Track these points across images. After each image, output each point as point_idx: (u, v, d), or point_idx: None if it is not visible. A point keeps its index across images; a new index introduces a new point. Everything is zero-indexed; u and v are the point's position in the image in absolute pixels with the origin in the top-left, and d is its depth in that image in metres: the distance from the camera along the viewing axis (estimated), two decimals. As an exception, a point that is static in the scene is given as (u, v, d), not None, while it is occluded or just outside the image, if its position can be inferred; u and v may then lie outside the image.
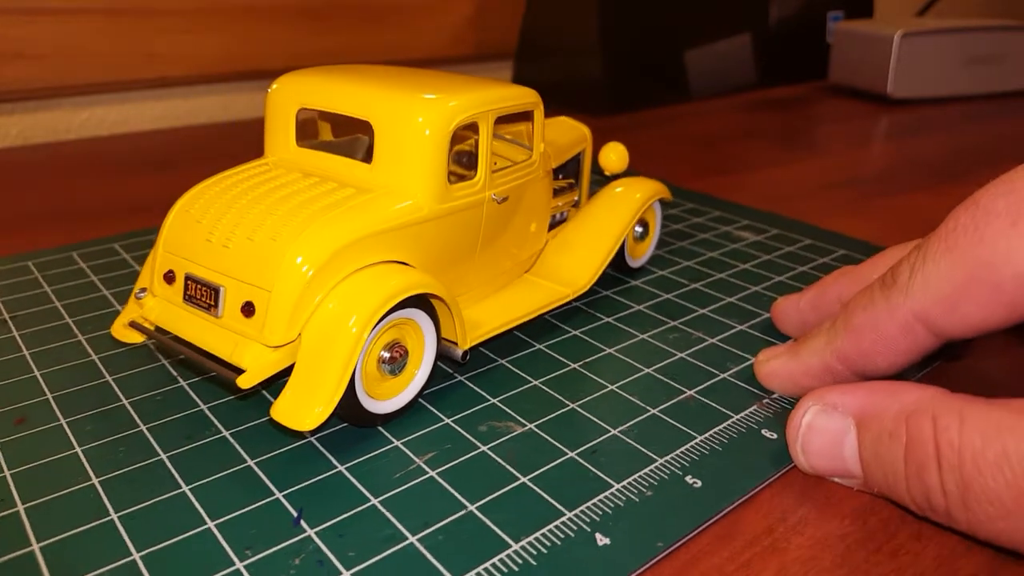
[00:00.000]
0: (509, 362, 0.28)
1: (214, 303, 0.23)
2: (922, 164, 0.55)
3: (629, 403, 0.26)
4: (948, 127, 0.67)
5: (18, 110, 0.61)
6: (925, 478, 0.19)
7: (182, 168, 0.54)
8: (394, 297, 0.22)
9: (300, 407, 0.21)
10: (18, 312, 0.31)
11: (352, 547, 0.19)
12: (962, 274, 0.20)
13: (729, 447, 0.23)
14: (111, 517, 0.20)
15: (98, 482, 0.22)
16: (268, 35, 0.68)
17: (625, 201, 0.33)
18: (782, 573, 0.19)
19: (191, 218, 0.24)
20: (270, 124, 0.27)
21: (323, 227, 0.22)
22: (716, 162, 0.56)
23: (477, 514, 0.21)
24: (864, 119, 0.70)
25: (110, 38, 0.61)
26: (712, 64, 0.77)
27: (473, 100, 0.25)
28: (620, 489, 0.22)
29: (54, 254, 0.37)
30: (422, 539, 0.20)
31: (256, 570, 0.19)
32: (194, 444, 0.23)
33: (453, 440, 0.24)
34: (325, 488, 0.22)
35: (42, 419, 0.25)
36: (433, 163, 0.24)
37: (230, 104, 0.70)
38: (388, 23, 0.73)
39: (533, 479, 0.22)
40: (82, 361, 0.28)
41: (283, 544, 0.20)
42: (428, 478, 0.22)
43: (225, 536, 0.20)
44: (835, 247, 0.39)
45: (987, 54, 0.76)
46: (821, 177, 0.53)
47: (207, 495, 0.21)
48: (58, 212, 0.45)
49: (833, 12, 0.86)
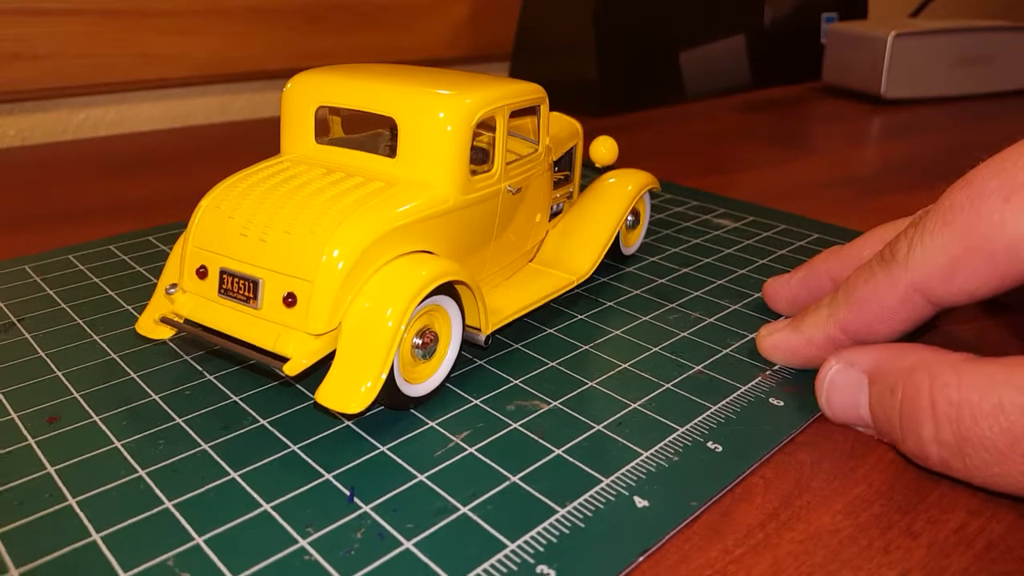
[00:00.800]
0: (524, 346, 0.29)
1: (253, 295, 0.23)
2: (915, 164, 0.56)
3: (643, 379, 0.27)
4: (941, 127, 0.68)
5: (16, 111, 0.61)
6: (917, 430, 0.21)
7: (180, 169, 0.55)
8: (430, 284, 0.23)
9: (346, 391, 0.22)
10: (25, 315, 0.31)
11: (408, 520, 0.20)
12: (959, 247, 0.22)
13: (742, 415, 0.25)
14: (166, 505, 0.21)
15: (145, 473, 0.22)
16: (265, 36, 0.68)
17: (619, 191, 0.35)
18: (774, 568, 0.19)
19: (222, 214, 0.24)
20: (288, 122, 0.28)
21: (360, 219, 0.23)
22: (710, 162, 0.57)
23: (521, 484, 0.22)
24: (858, 119, 0.71)
25: (108, 39, 0.61)
26: (707, 65, 0.78)
27: (490, 96, 0.26)
28: (649, 456, 0.23)
29: (51, 257, 0.37)
30: (473, 509, 0.21)
31: (320, 545, 0.20)
32: (233, 433, 0.24)
33: (484, 419, 0.25)
34: (371, 468, 0.22)
35: (74, 417, 0.25)
36: (457, 156, 0.25)
37: (228, 104, 0.70)
38: (384, 24, 0.73)
39: (567, 451, 0.23)
40: (102, 360, 0.28)
41: (342, 520, 0.20)
42: (468, 454, 0.23)
43: (284, 516, 0.21)
44: (808, 231, 0.42)
45: (980, 55, 0.77)
46: (815, 177, 0.53)
47: (258, 480, 0.22)
48: (57, 212, 0.45)
49: (827, 13, 0.87)
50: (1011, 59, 0.79)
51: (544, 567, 0.19)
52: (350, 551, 0.19)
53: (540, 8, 0.75)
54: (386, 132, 0.31)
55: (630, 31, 0.72)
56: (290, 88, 0.28)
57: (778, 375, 0.28)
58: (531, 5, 0.75)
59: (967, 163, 0.25)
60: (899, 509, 0.21)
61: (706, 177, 0.53)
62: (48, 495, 0.21)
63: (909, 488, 0.22)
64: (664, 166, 0.55)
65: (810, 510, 0.21)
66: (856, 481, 0.22)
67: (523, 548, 0.20)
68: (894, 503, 0.22)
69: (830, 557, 0.20)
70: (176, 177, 0.52)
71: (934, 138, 0.64)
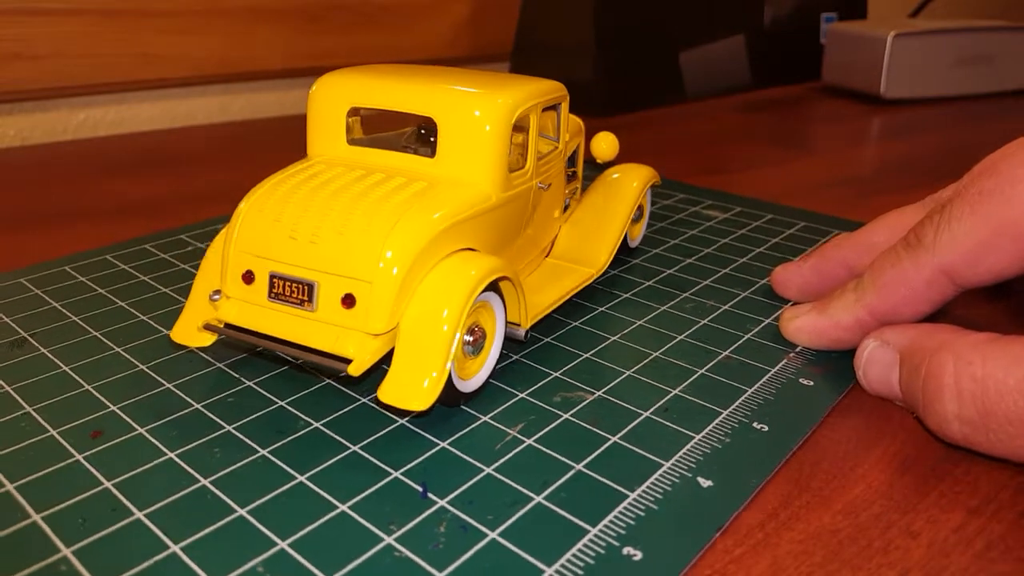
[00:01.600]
0: (554, 340, 0.30)
1: (308, 298, 0.23)
2: (915, 164, 0.57)
3: (677, 367, 0.28)
4: (940, 127, 0.68)
5: (15, 111, 0.61)
6: (939, 407, 0.22)
7: (180, 169, 0.54)
8: (485, 280, 0.24)
9: (411, 389, 0.23)
10: (35, 330, 0.30)
11: (486, 511, 0.21)
12: (988, 230, 0.23)
13: (779, 395, 0.26)
14: (239, 513, 0.21)
15: (208, 482, 0.22)
16: (265, 36, 0.68)
17: (626, 186, 0.36)
18: (774, 568, 0.19)
19: (267, 218, 0.24)
20: (317, 123, 0.28)
21: (413, 218, 0.23)
22: (711, 162, 0.57)
23: (587, 472, 0.22)
24: (857, 119, 0.71)
25: (107, 39, 0.60)
26: (706, 65, 0.78)
27: (525, 94, 0.27)
28: (702, 439, 0.24)
29: (47, 269, 0.36)
30: (547, 498, 0.21)
31: (406, 541, 0.20)
32: (289, 437, 0.24)
33: (534, 412, 0.25)
34: (436, 463, 0.23)
35: (118, 430, 0.24)
36: (499, 154, 0.26)
37: (227, 105, 0.70)
38: (384, 24, 0.73)
39: (622, 438, 0.24)
40: (132, 372, 0.27)
41: (421, 516, 0.21)
42: (527, 446, 0.24)
43: (363, 515, 0.21)
44: (795, 220, 0.44)
45: (979, 55, 0.77)
46: (815, 176, 0.54)
47: (326, 481, 0.22)
48: (57, 212, 0.45)
49: (826, 13, 0.88)
50: (1011, 59, 0.79)
51: (629, 548, 0.20)
52: (437, 545, 0.20)
53: (540, 8, 0.75)
54: (408, 131, 0.31)
55: (630, 31, 0.72)
56: (318, 89, 0.28)
57: (802, 356, 0.29)
58: (531, 5, 0.75)
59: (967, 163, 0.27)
60: (898, 509, 0.22)
61: (706, 177, 0.53)
62: (112, 510, 0.21)
63: (908, 488, 0.22)
64: (664, 166, 0.54)
65: (810, 510, 0.21)
66: (855, 481, 0.23)
67: (605, 532, 0.20)
68: (893, 503, 0.22)
69: (830, 557, 0.20)
70: (176, 177, 0.52)
71: (934, 138, 0.64)
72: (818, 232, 0.42)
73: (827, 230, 0.42)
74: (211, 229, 0.41)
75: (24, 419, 0.25)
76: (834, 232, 0.41)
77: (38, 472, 0.22)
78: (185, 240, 0.40)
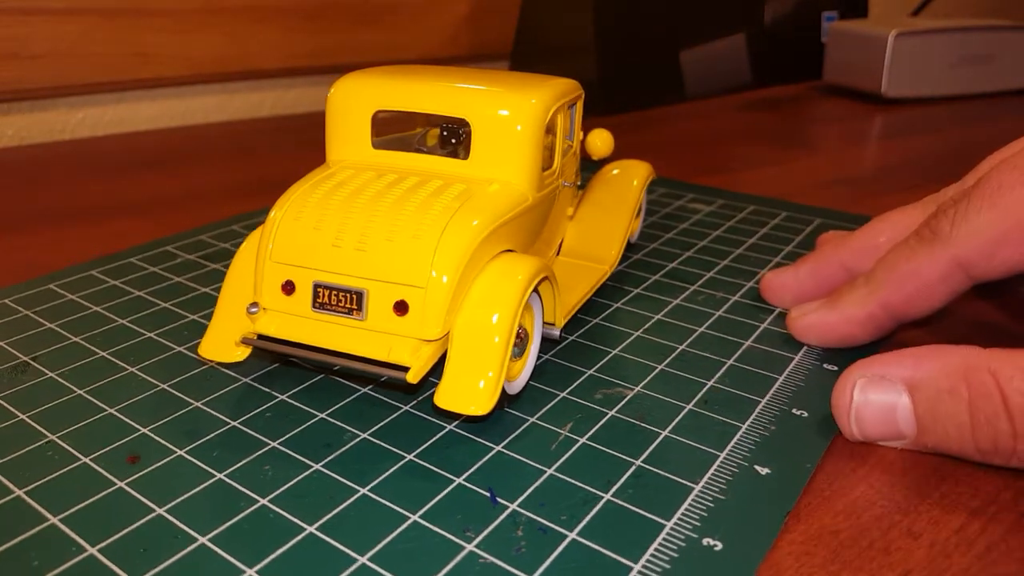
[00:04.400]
0: (579, 338, 0.30)
1: (357, 307, 0.23)
2: (916, 163, 0.56)
3: (705, 358, 0.29)
4: (942, 127, 0.68)
5: (14, 110, 0.61)
6: (996, 424, 0.21)
7: (179, 168, 0.54)
8: (534, 280, 0.24)
9: (469, 393, 0.22)
10: (36, 353, 0.29)
11: (559, 512, 0.21)
12: (1006, 224, 0.24)
13: (808, 381, 0.27)
14: (309, 530, 0.20)
15: (267, 502, 0.21)
16: (263, 35, 0.68)
17: (627, 182, 0.36)
18: (774, 568, 0.19)
19: (305, 226, 0.24)
20: (340, 127, 0.27)
21: (461, 222, 0.23)
22: (711, 161, 0.57)
23: (647, 467, 0.23)
24: (858, 119, 0.71)
25: (105, 38, 0.60)
26: (707, 65, 0.77)
27: (553, 94, 0.27)
28: (748, 428, 0.25)
29: (30, 288, 0.34)
30: (615, 495, 0.22)
31: (488, 547, 0.20)
32: (340, 450, 0.23)
33: (580, 410, 0.25)
34: (496, 467, 0.23)
35: (156, 454, 0.23)
36: (534, 154, 0.26)
37: (225, 104, 0.70)
38: (383, 23, 0.73)
39: (672, 431, 0.24)
40: (153, 392, 0.26)
41: (496, 521, 0.21)
42: (582, 445, 0.24)
43: (437, 524, 0.20)
44: (777, 210, 0.45)
45: (980, 54, 0.77)
46: (816, 176, 0.53)
47: (390, 491, 0.22)
48: (57, 212, 0.45)
49: (827, 12, 0.87)
50: (1012, 58, 0.78)
51: (709, 539, 0.20)
52: (520, 549, 0.20)
53: (540, 7, 0.74)
54: (417, 132, 0.31)
55: (630, 30, 0.72)
56: (337, 92, 0.27)
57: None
58: (531, 4, 0.75)
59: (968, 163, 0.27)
60: (900, 510, 0.21)
61: (706, 176, 0.53)
62: (174, 537, 0.20)
63: (910, 489, 0.22)
64: (665, 166, 0.54)
65: (810, 510, 0.21)
66: (857, 481, 0.23)
67: (680, 525, 0.20)
68: (895, 503, 0.22)
69: (831, 557, 0.20)
70: (175, 177, 0.52)
71: (935, 138, 0.64)
72: (798, 221, 0.43)
73: (807, 219, 0.43)
74: (201, 239, 0.40)
75: (50, 448, 0.23)
76: (815, 221, 0.43)
77: (81, 503, 0.21)
78: (172, 252, 0.38)
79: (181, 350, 0.29)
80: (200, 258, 0.37)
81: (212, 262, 0.37)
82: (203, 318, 0.31)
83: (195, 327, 0.31)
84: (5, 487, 0.22)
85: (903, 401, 0.23)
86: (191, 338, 0.30)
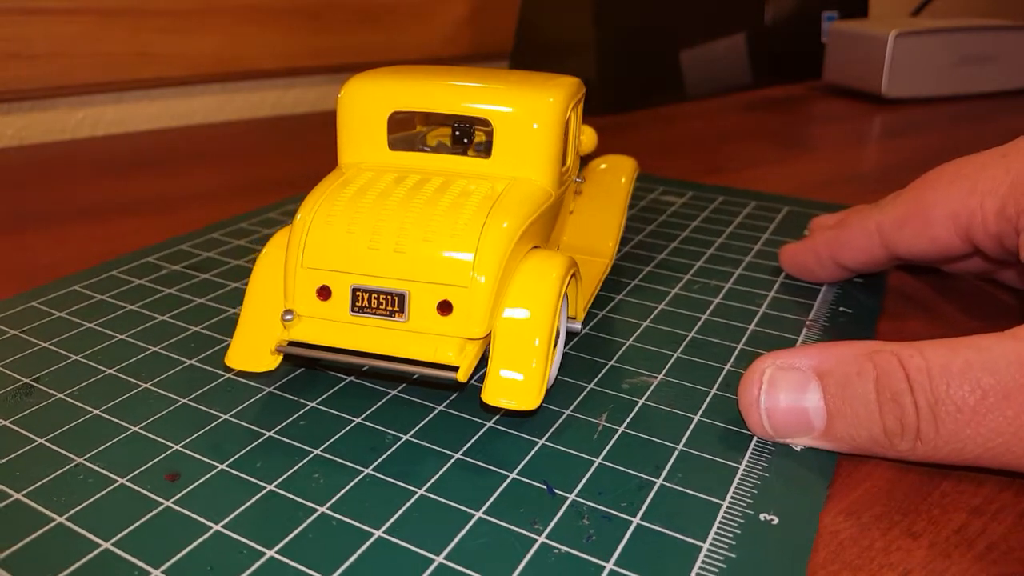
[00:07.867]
0: (592, 330, 0.31)
1: (399, 309, 0.23)
2: (916, 163, 0.56)
3: (716, 344, 0.30)
4: (942, 127, 0.68)
5: (14, 110, 0.61)
6: (900, 401, 0.21)
7: (179, 168, 0.53)
8: (568, 275, 0.24)
9: (518, 388, 0.23)
10: (38, 373, 0.27)
11: (618, 499, 0.21)
12: (914, 208, 0.29)
13: (817, 360, 0.29)
14: (377, 534, 0.20)
15: (326, 510, 0.21)
16: (263, 35, 0.67)
17: (615, 177, 0.37)
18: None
19: (338, 230, 0.23)
20: (354, 129, 0.27)
21: (497, 220, 0.23)
22: (711, 161, 0.57)
23: (689, 451, 0.24)
24: (858, 119, 0.71)
25: (105, 38, 0.59)
26: (707, 64, 0.77)
27: (566, 92, 0.27)
28: (773, 407, 0.26)
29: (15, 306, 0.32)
30: (666, 479, 0.22)
31: (559, 538, 0.20)
32: (386, 453, 0.23)
33: (611, 400, 0.26)
34: (545, 460, 0.23)
35: (196, 470, 0.23)
36: (555, 152, 0.26)
37: (225, 104, 0.69)
38: (383, 23, 0.72)
39: (704, 415, 0.25)
40: (175, 407, 0.25)
41: (560, 512, 0.21)
42: (621, 433, 0.24)
43: (503, 519, 0.21)
44: (747, 199, 0.47)
45: (981, 54, 0.77)
46: (816, 176, 0.54)
47: (447, 490, 0.22)
48: (56, 212, 0.45)
49: (828, 12, 0.87)
50: (1012, 58, 0.79)
51: (765, 514, 0.21)
52: (590, 537, 0.20)
53: (540, 7, 0.73)
54: (419, 132, 0.31)
55: (630, 30, 0.72)
56: (350, 94, 0.27)
57: (817, 323, 0.31)
58: (531, 4, 0.74)
59: None
60: (900, 510, 0.22)
61: (706, 176, 0.53)
62: (240, 552, 0.20)
63: (910, 489, 0.22)
64: (665, 165, 0.55)
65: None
66: (857, 482, 0.23)
67: (735, 503, 0.21)
68: (895, 503, 0.22)
69: (831, 558, 0.20)
70: (175, 177, 0.51)
71: (934, 138, 0.64)
72: (768, 209, 0.45)
73: (778, 207, 0.45)
74: (184, 248, 0.38)
75: (81, 471, 0.22)
76: (785, 209, 0.45)
77: (129, 525, 0.20)
78: (153, 263, 0.37)
79: (193, 363, 0.28)
80: (187, 268, 0.36)
81: (202, 271, 0.36)
82: (207, 329, 0.31)
83: (201, 339, 0.30)
84: (42, 514, 0.21)
85: (812, 387, 0.23)
86: (200, 351, 0.29)
